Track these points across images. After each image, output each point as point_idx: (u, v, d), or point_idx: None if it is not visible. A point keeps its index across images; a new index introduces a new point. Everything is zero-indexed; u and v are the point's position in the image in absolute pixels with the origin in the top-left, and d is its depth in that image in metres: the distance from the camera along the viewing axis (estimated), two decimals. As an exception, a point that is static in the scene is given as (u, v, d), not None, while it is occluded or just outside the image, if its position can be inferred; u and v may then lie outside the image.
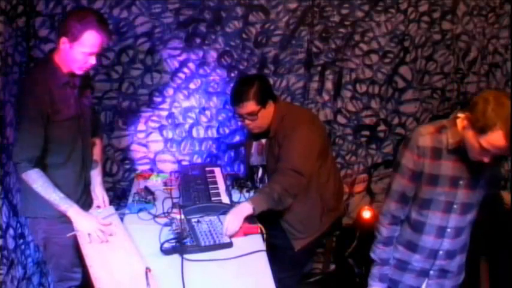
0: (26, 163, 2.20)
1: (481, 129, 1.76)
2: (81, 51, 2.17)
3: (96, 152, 2.60)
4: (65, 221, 2.29)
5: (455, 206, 2.01)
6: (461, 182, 1.98)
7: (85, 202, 2.47)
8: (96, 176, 2.57)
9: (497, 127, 1.72)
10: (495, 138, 1.74)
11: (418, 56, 3.25)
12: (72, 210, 2.25)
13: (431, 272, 2.14)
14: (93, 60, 2.22)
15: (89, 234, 2.22)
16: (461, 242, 2.13)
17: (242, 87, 2.54)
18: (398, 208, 2.08)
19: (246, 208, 2.36)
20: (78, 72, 2.26)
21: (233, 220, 2.32)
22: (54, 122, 2.24)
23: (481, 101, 1.78)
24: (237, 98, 2.55)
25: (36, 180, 2.21)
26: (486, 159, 1.83)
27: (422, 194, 2.03)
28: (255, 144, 2.78)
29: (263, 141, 2.71)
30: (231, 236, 2.29)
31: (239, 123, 2.72)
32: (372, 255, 2.18)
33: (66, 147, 2.33)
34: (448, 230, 2.05)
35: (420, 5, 3.16)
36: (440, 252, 2.09)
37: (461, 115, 1.88)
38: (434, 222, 2.05)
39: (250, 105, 2.51)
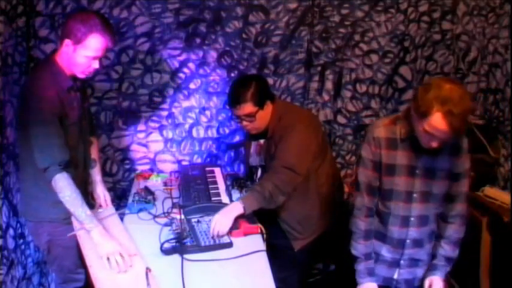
0: (56, 166, 2.10)
1: (422, 114, 1.83)
2: (84, 55, 2.12)
3: (94, 151, 2.57)
4: (69, 222, 2.26)
5: (415, 195, 2.07)
6: (417, 172, 2.04)
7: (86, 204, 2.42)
8: (95, 175, 2.56)
9: (435, 109, 1.79)
10: (435, 120, 1.80)
11: (418, 56, 3.25)
12: (96, 231, 2.13)
13: (401, 262, 2.18)
14: (96, 65, 2.17)
15: (108, 259, 2.06)
16: (428, 231, 2.16)
17: (239, 89, 2.51)
18: (369, 200, 2.14)
19: (236, 208, 2.34)
20: (81, 76, 2.22)
21: (221, 220, 2.30)
22: (62, 126, 2.18)
23: (422, 88, 1.88)
24: (234, 99, 2.52)
25: (64, 190, 2.11)
26: (434, 145, 1.90)
27: (383, 185, 2.10)
28: (253, 144, 2.77)
29: (262, 141, 2.70)
30: (221, 236, 2.26)
31: (239, 124, 2.71)
32: (354, 252, 2.20)
33: (70, 152, 2.24)
34: (412, 219, 2.10)
35: (420, 5, 3.17)
36: (408, 241, 2.14)
37: None
38: (398, 212, 2.11)
39: (248, 107, 2.49)
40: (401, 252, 2.16)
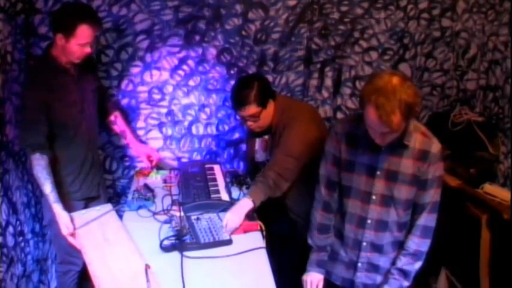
0: (29, 148, 2.32)
1: (361, 106, 1.82)
2: (77, 44, 2.30)
3: (121, 124, 2.85)
4: (71, 198, 2.48)
5: (373, 197, 2.02)
6: (378, 173, 1.99)
7: (92, 182, 2.63)
8: (132, 142, 2.89)
9: (367, 101, 1.77)
10: (368, 112, 1.79)
11: (417, 53, 3.25)
12: (54, 206, 2.31)
13: (358, 264, 2.15)
14: (88, 49, 2.36)
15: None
16: (389, 239, 2.09)
17: (242, 91, 2.52)
18: (327, 194, 2.14)
19: (246, 204, 2.37)
20: (77, 61, 2.40)
21: (233, 218, 2.32)
22: (56, 108, 2.35)
23: (367, 80, 1.85)
24: (238, 102, 2.54)
25: (34, 168, 2.30)
26: (378, 140, 1.88)
27: (343, 180, 2.08)
28: (258, 141, 2.78)
29: (266, 137, 2.71)
30: (231, 233, 2.30)
31: (245, 124, 2.70)
32: (309, 240, 2.22)
33: (69, 131, 2.45)
34: (369, 221, 2.06)
35: (420, 2, 3.16)
36: (364, 243, 2.10)
37: None
38: (355, 211, 2.08)
39: (252, 108, 2.51)
40: (357, 253, 2.13)
